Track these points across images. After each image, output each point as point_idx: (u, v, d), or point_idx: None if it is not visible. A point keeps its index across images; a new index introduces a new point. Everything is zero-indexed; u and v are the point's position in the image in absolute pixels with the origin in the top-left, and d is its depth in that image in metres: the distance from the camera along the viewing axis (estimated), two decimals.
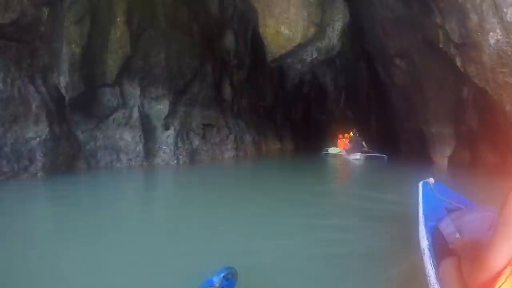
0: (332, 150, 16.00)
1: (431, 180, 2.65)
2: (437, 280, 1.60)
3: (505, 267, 1.17)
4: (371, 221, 3.83)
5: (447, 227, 1.86)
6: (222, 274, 1.96)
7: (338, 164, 13.33)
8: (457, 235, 1.74)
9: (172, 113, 9.99)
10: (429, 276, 1.70)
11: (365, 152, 14.33)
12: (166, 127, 9.68)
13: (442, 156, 12.35)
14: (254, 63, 17.12)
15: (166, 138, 9.54)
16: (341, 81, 21.58)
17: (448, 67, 12.00)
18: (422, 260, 1.92)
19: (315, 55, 12.21)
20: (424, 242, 1.96)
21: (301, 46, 11.46)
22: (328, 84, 22.28)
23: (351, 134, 15.77)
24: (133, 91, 9.28)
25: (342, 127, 20.02)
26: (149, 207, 5.14)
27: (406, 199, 3.79)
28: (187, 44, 10.73)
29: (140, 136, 8.91)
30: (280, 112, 21.72)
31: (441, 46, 8.85)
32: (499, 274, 1.18)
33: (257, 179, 8.52)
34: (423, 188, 2.57)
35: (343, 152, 15.27)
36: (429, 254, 1.81)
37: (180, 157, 9.72)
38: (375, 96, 20.39)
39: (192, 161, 10.16)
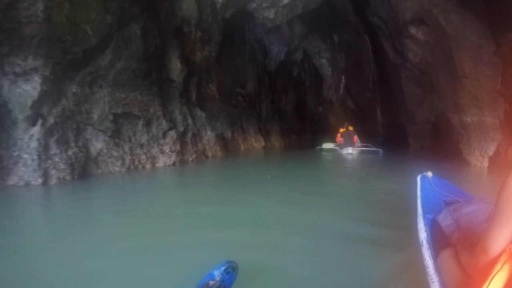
0: (326, 145, 14.66)
1: (429, 174, 2.60)
2: (435, 271, 1.60)
3: (501, 253, 1.14)
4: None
5: (445, 219, 1.91)
6: (223, 268, 1.99)
7: (333, 165, 10.25)
8: (455, 227, 1.78)
9: (48, 97, 5.96)
10: (427, 268, 1.68)
11: (359, 146, 13.52)
12: (34, 121, 5.76)
13: (481, 156, 8.68)
14: (229, 41, 13.77)
15: (28, 139, 5.63)
16: (341, 62, 17.56)
17: (487, 29, 8.27)
18: (420, 252, 1.85)
19: None
20: (423, 234, 1.92)
21: None
22: (324, 66, 18.26)
23: (344, 128, 14.26)
24: None
25: (342, 120, 16.77)
26: None
27: None
28: None
29: None
30: (266, 102, 17.94)
31: None
32: (496, 259, 1.15)
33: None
34: (421, 182, 2.51)
35: (337, 147, 14.01)
36: (427, 246, 1.80)
37: (53, 171, 5.66)
38: (380, 81, 16.75)
39: (83, 175, 6.19)
